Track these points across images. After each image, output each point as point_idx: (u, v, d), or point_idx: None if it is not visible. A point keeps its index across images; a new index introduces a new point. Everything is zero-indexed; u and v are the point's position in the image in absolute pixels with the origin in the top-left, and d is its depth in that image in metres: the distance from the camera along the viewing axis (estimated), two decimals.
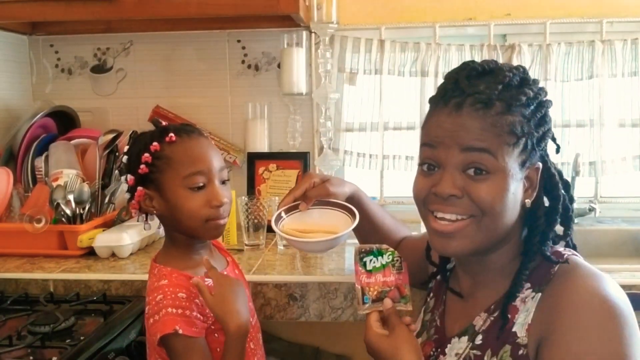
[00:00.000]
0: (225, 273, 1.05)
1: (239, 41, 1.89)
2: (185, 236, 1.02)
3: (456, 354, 0.83)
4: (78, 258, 1.47)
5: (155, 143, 0.97)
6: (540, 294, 0.79)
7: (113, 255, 1.48)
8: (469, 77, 0.80)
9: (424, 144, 0.83)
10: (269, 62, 1.89)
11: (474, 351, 0.81)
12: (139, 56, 1.93)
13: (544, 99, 0.82)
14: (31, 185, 1.66)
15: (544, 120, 0.81)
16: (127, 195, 1.02)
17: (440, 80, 1.75)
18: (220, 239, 1.50)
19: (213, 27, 1.85)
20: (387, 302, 0.89)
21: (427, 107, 1.98)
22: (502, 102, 0.78)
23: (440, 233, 0.81)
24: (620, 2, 1.77)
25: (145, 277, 1.31)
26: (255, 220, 1.55)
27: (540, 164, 0.83)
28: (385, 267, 0.93)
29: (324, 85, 1.76)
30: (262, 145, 1.88)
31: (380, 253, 0.94)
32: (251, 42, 1.88)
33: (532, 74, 1.76)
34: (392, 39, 1.82)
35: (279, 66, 1.87)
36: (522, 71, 0.82)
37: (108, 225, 1.56)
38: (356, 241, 1.20)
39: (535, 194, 0.83)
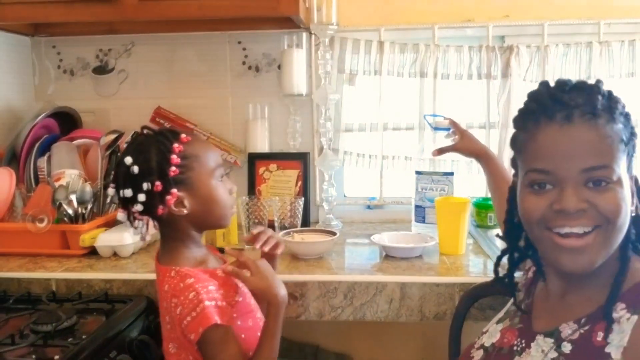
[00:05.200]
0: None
1: (239, 42, 1.90)
2: (202, 230, 1.10)
3: (542, 351, 0.82)
4: (80, 257, 1.48)
5: (176, 145, 1.00)
6: (636, 317, 0.75)
7: (115, 254, 1.49)
8: (565, 91, 0.80)
9: (536, 170, 0.79)
10: (270, 63, 1.90)
11: (563, 358, 0.79)
12: (141, 57, 1.94)
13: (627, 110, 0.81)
14: (34, 186, 1.67)
15: (634, 128, 0.81)
16: (140, 207, 1.00)
17: (439, 81, 1.80)
18: (221, 239, 1.53)
19: (214, 28, 1.86)
20: None
21: (425, 106, 1.98)
22: (606, 112, 0.78)
23: (570, 250, 0.78)
24: (617, 4, 1.77)
25: (147, 276, 1.33)
26: (256, 220, 1.56)
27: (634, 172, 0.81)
28: None
29: (323, 86, 1.77)
30: (262, 145, 1.89)
31: None
32: (252, 44, 1.89)
33: (530, 75, 1.78)
34: (392, 40, 1.83)
35: (279, 67, 1.87)
36: (603, 83, 0.82)
37: (110, 225, 1.57)
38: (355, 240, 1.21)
39: (635, 202, 0.81)
